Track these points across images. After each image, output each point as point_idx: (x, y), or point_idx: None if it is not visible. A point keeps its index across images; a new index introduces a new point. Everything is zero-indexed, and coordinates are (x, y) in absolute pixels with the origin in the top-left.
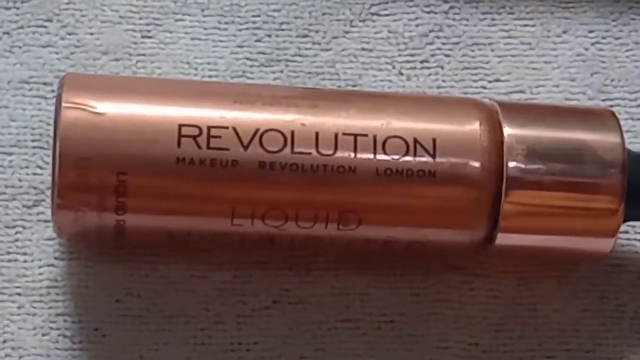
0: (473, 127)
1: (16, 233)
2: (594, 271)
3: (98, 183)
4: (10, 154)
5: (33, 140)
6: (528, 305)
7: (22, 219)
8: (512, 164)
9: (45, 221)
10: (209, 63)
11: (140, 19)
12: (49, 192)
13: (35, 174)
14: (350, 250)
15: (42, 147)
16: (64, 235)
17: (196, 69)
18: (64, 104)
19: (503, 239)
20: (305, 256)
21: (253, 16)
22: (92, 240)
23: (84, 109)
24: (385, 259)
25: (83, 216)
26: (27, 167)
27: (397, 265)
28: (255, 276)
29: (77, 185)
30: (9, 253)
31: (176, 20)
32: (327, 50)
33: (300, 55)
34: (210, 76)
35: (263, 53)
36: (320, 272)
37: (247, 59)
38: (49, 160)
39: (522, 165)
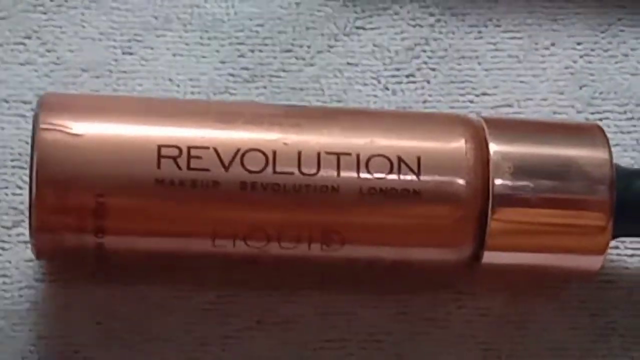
0: (458, 144)
1: None
2: (584, 288)
3: (76, 205)
4: None
5: (12, 160)
6: (517, 323)
7: (2, 240)
8: (498, 182)
9: (25, 242)
10: (191, 79)
11: (121, 35)
12: None
13: (14, 194)
14: (334, 270)
15: (21, 167)
16: (43, 257)
17: (178, 85)
18: (41, 126)
19: (490, 257)
20: (289, 276)
21: (236, 31)
22: (72, 263)
23: (61, 130)
24: (370, 278)
25: (62, 238)
26: (6, 188)
27: (383, 284)
28: (239, 296)
29: (55, 208)
30: None
31: (157, 36)
32: (312, 65)
33: (284, 71)
34: (192, 93)
35: (246, 69)
36: (305, 292)
37: (230, 74)
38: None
39: (508, 183)
